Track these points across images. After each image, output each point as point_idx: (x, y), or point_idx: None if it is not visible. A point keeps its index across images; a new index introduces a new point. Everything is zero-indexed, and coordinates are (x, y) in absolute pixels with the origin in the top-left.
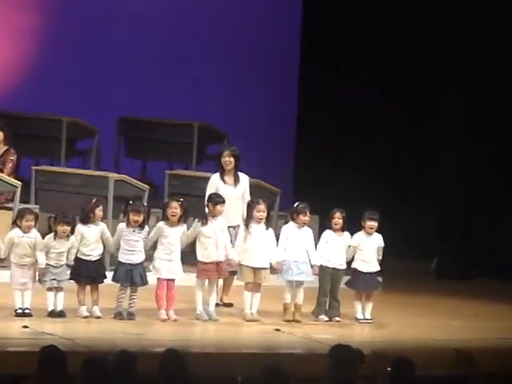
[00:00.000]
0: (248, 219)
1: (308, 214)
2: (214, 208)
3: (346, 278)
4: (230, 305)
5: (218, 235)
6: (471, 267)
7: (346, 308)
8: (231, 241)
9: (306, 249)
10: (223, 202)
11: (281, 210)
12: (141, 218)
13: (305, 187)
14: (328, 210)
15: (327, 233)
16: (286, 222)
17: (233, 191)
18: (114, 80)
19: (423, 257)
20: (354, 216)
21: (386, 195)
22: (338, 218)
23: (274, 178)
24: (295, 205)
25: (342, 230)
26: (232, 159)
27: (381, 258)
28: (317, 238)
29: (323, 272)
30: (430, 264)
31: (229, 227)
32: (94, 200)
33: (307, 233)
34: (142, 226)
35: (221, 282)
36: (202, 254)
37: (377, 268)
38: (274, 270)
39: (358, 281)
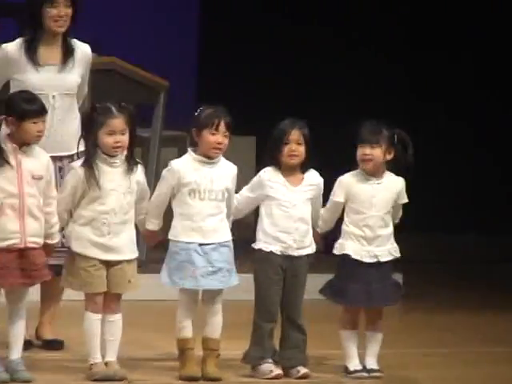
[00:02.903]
0: (89, 148)
1: (224, 128)
2: (19, 126)
3: (318, 279)
4: (57, 345)
5: (27, 187)
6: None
7: (323, 345)
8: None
9: (223, 212)
10: (41, 111)
11: (170, 128)
12: None
13: (217, 87)
14: (268, 129)
15: (268, 174)
16: (183, 153)
17: (60, 79)
18: None
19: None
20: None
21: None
22: (295, 143)
23: (158, 68)
24: (198, 112)
25: (302, 168)
26: (70, 11)
27: (397, 220)
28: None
29: (263, 265)
30: None
31: (58, 160)
32: None
33: (227, 175)
34: None
35: (37, 292)
36: None
37: (393, 253)
38: (146, 262)
39: (350, 284)
